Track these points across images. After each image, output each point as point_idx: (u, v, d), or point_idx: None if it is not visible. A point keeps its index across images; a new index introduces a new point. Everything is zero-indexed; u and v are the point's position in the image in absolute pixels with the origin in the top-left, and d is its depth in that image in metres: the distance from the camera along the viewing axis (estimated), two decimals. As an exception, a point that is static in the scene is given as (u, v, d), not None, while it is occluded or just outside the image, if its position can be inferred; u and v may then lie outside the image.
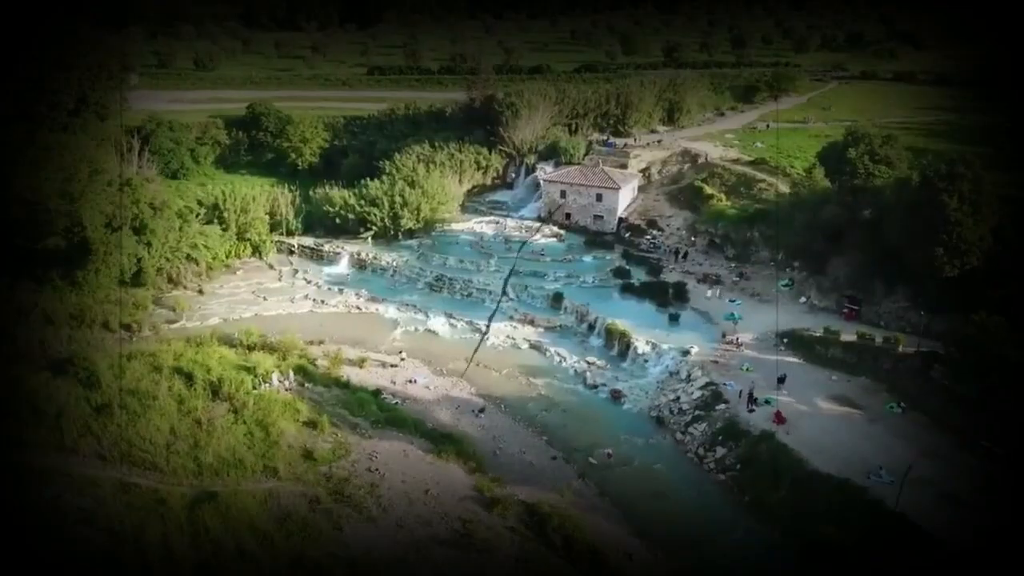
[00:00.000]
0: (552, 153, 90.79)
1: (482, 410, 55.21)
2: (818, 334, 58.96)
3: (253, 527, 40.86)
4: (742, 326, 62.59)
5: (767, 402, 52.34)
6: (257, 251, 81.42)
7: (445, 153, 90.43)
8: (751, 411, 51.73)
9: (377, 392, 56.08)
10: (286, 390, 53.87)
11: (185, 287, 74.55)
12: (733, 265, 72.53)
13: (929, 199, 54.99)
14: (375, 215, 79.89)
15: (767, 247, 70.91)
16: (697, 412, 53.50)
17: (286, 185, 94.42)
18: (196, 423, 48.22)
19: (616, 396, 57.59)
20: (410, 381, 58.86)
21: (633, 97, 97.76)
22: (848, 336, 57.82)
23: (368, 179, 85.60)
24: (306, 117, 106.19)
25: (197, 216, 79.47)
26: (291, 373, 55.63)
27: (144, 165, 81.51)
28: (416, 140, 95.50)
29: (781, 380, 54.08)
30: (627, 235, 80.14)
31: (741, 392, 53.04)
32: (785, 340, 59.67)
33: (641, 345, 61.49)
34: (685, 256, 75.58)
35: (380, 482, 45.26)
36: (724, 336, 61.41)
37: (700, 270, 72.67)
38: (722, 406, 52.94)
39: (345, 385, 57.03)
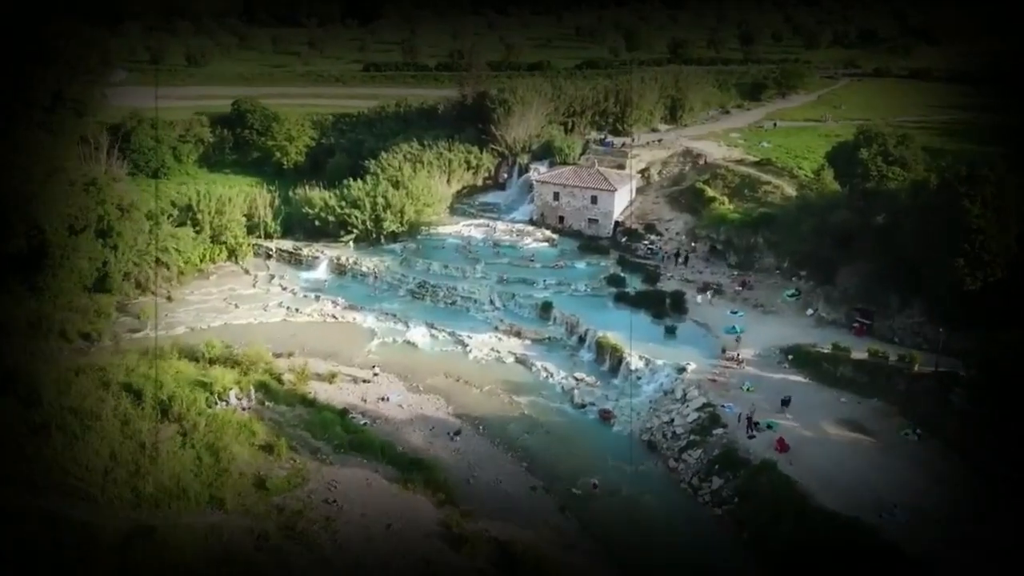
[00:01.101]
0: (546, 153, 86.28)
1: (458, 432, 50.74)
2: (826, 350, 54.22)
3: (191, 570, 36.59)
4: (744, 340, 57.95)
5: (769, 427, 47.66)
6: (233, 255, 77.24)
7: (433, 152, 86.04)
8: (751, 437, 47.04)
9: (344, 412, 51.69)
10: (243, 409, 49.58)
11: (154, 293, 70.35)
12: (735, 273, 67.79)
13: (948, 204, 50.24)
14: (356, 217, 75.57)
15: (772, 254, 66.16)
16: (692, 437, 48.84)
17: (270, 185, 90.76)
18: (140, 447, 43.93)
19: (605, 417, 53.06)
20: (382, 399, 54.49)
21: (633, 94, 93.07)
22: (859, 353, 53.03)
23: (352, 179, 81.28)
24: (292, 114, 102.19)
25: (169, 218, 75.48)
26: (251, 390, 51.32)
27: (113, 164, 77.19)
28: (405, 139, 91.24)
29: (785, 402, 49.41)
30: (623, 240, 75.53)
31: (740, 416, 48.34)
32: (790, 357, 54.98)
33: (634, 361, 56.88)
34: (686, 260, 70.95)
35: (337, 516, 40.87)
36: (724, 351, 56.73)
37: (700, 278, 67.94)
38: (720, 431, 48.25)
39: (311, 403, 52.78)
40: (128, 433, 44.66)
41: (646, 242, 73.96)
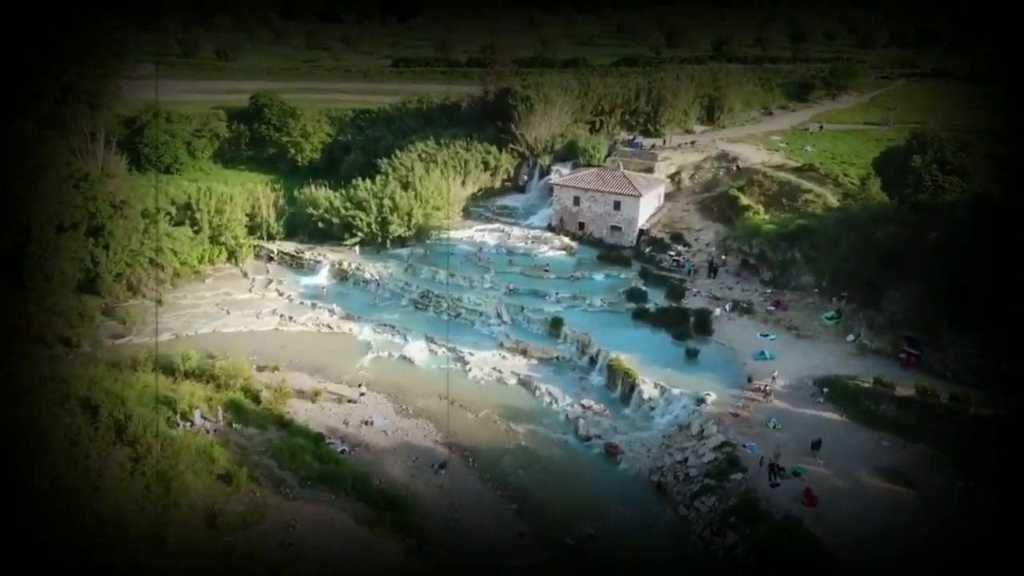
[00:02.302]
0: (570, 153, 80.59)
1: (443, 465, 45.40)
2: (867, 384, 47.59)
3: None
4: (774, 366, 51.66)
5: (795, 474, 41.41)
6: (233, 257, 73.17)
7: (450, 151, 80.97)
8: (774, 485, 40.84)
9: (320, 437, 46.75)
10: (207, 432, 45.02)
11: (145, 296, 66.59)
12: (768, 291, 61.27)
13: (1016, 220, 43.23)
14: (361, 220, 70.84)
15: (810, 271, 59.45)
16: (707, 481, 42.70)
17: (284, 183, 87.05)
18: (85, 473, 39.63)
19: (612, 452, 47.22)
20: (365, 422, 49.47)
21: (667, 92, 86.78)
22: (905, 389, 46.28)
23: (363, 179, 76.70)
24: (310, 110, 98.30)
25: (168, 216, 71.80)
26: (219, 410, 46.76)
27: (111, 159, 73.74)
28: (423, 137, 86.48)
29: (816, 445, 43.01)
30: (647, 250, 69.46)
31: (763, 459, 42.12)
32: (825, 389, 48.47)
33: (648, 388, 50.92)
34: (715, 273, 64.64)
35: (290, 562, 35.94)
36: (750, 380, 50.45)
37: (729, 295, 61.62)
38: (738, 475, 42.03)
39: (286, 425, 48.03)
40: (74, 457, 40.34)
41: (672, 253, 67.81)
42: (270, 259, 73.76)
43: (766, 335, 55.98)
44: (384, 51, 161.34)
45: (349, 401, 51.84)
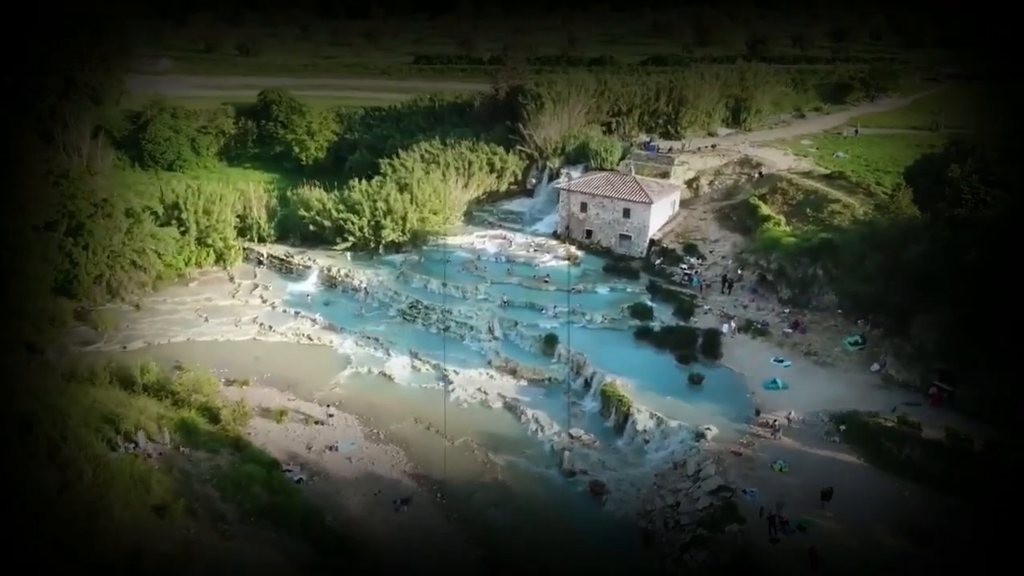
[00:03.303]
0: (581, 156, 75.55)
1: (407, 500, 40.96)
2: (890, 423, 41.92)
3: None
4: (786, 398, 46.36)
5: (800, 527, 36.07)
6: (221, 260, 69.70)
7: (454, 152, 76.55)
8: (774, 540, 35.56)
9: (274, 464, 42.57)
10: (149, 456, 41.11)
11: (124, 299, 63.37)
12: (786, 311, 55.63)
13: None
14: (353, 223, 66.75)
15: (833, 290, 53.67)
16: (700, 531, 37.49)
17: (287, 182, 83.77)
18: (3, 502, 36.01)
19: (597, 491, 42.25)
20: (329, 448, 45.27)
21: (688, 92, 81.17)
22: (934, 431, 40.53)
23: (365, 179, 72.69)
24: (317, 107, 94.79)
25: (155, 216, 68.66)
26: (165, 431, 42.85)
27: (97, 155, 70.68)
28: (429, 136, 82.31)
29: (826, 494, 37.56)
30: (658, 262, 64.18)
31: (762, 509, 36.83)
32: (842, 427, 42.86)
33: (642, 418, 45.80)
34: (730, 288, 59.20)
35: (213, 617, 31.85)
36: (758, 413, 45.02)
37: (743, 314, 56.13)
38: (735, 527, 36.74)
39: (242, 449, 44.02)
40: (-4, 481, 36.84)
41: (684, 266, 62.44)
42: (260, 263, 70.19)
43: (780, 361, 50.48)
44: (408, 48, 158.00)
45: (316, 422, 47.72)
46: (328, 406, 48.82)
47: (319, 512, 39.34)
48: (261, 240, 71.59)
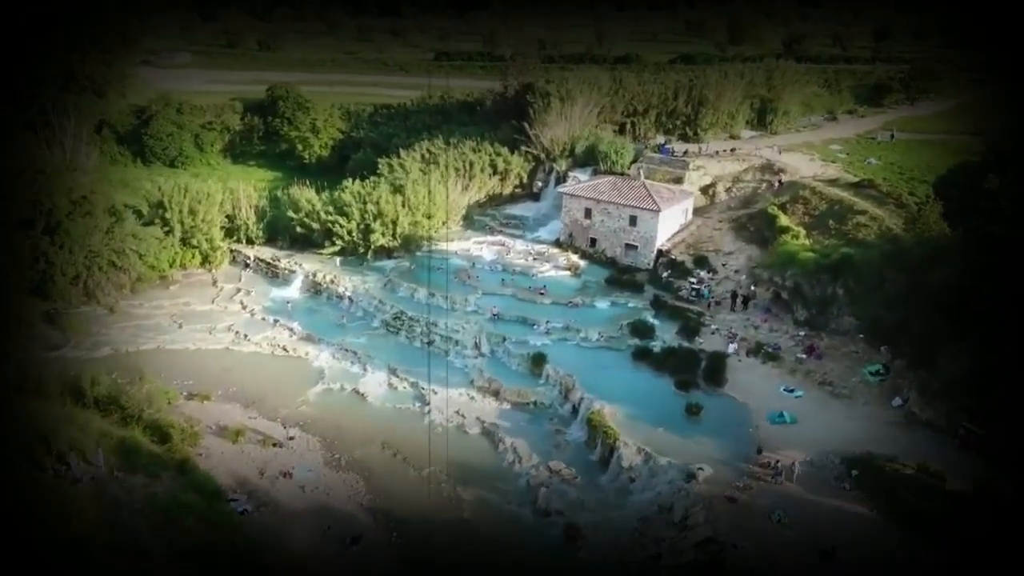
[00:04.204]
0: (591, 158, 70.82)
1: (357, 539, 36.85)
2: (909, 470, 36.75)
3: None
4: (794, 434, 41.34)
5: (796, 595, 31.18)
6: (207, 261, 66.49)
7: (456, 152, 72.40)
8: (765, 609, 30.73)
9: (218, 493, 38.77)
10: (77, 480, 37.54)
11: (100, 302, 60.42)
12: (801, 334, 50.38)
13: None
14: (341, 226, 62.97)
15: (854, 313, 48.26)
16: (681, 590, 32.84)
17: (290, 181, 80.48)
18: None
19: (572, 536, 37.65)
20: (283, 474, 41.39)
21: (709, 91, 75.83)
22: (961, 482, 35.27)
23: (363, 179, 69.10)
24: (323, 103, 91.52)
25: (140, 215, 65.82)
26: (100, 452, 39.27)
27: (81, 150, 67.90)
28: (433, 135, 78.24)
29: (827, 555, 32.56)
30: (665, 274, 59.24)
31: (753, 574, 31.94)
32: (854, 472, 37.68)
33: (629, 453, 41.05)
34: (746, 303, 54.12)
35: None
36: (760, 452, 40.00)
37: (753, 336, 51.01)
38: (721, 589, 32.02)
39: (187, 472, 40.28)
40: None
41: (692, 280, 57.40)
42: (246, 266, 66.83)
43: (791, 390, 45.36)
44: (433, 45, 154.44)
45: (274, 444, 43.94)
46: (287, 428, 44.93)
47: (259, 550, 35.44)
48: (250, 242, 68.26)
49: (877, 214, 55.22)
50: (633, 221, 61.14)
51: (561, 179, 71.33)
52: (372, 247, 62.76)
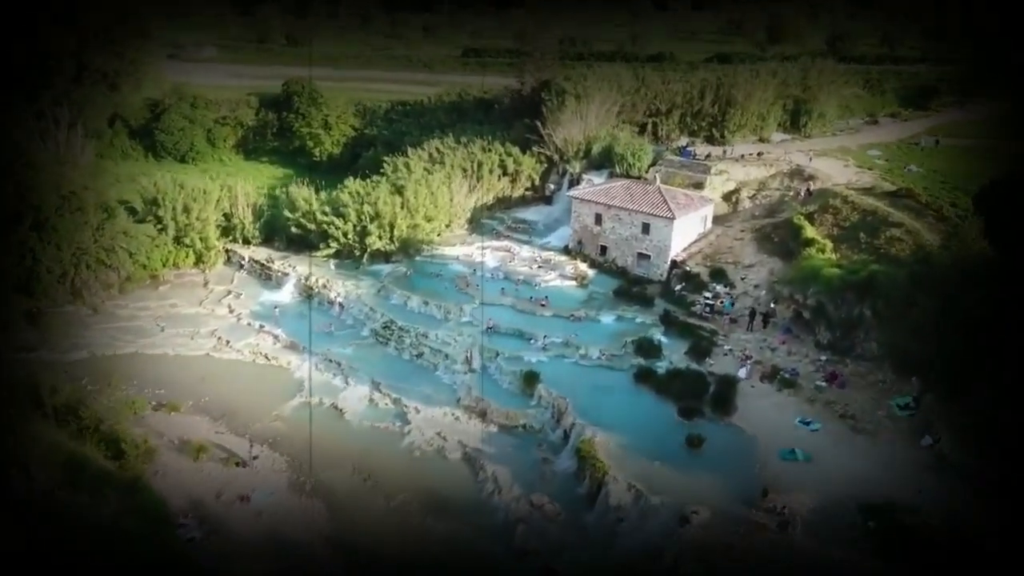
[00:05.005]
0: (607, 160, 66.59)
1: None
2: (936, 521, 31.97)
3: None
4: (806, 474, 36.78)
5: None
6: (201, 261, 63.93)
7: (466, 151, 68.77)
8: None
9: (164, 519, 35.61)
10: (16, 496, 34.69)
11: (85, 302, 58.14)
12: (823, 358, 45.59)
13: None
14: (337, 228, 59.78)
15: (881, 337, 43.28)
16: (661, 657, 28.66)
17: (302, 179, 77.88)
18: None
19: (547, 581, 33.78)
20: (241, 498, 38.16)
21: (738, 91, 70.94)
22: (997, 540, 30.41)
23: (354, 179, 65.96)
24: (339, 98, 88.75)
25: (134, 212, 63.55)
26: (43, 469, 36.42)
27: (77, 144, 65.75)
28: (448, 133, 74.86)
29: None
30: (678, 287, 54.79)
31: (742, 644, 27.64)
32: (871, 523, 32.99)
33: (618, 490, 36.83)
34: (765, 322, 49.45)
35: None
36: (766, 495, 35.50)
37: (769, 359, 46.40)
38: (706, 659, 27.76)
39: (137, 492, 37.23)
40: None
41: (707, 294, 52.87)
42: (241, 267, 64.07)
43: (807, 422, 40.72)
44: (465, 42, 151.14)
45: (237, 464, 40.73)
46: (254, 445, 41.63)
47: (198, 585, 32.26)
48: (246, 242, 65.51)
49: (913, 227, 50.05)
50: (646, 229, 56.81)
51: (575, 182, 67.23)
52: (368, 250, 59.36)
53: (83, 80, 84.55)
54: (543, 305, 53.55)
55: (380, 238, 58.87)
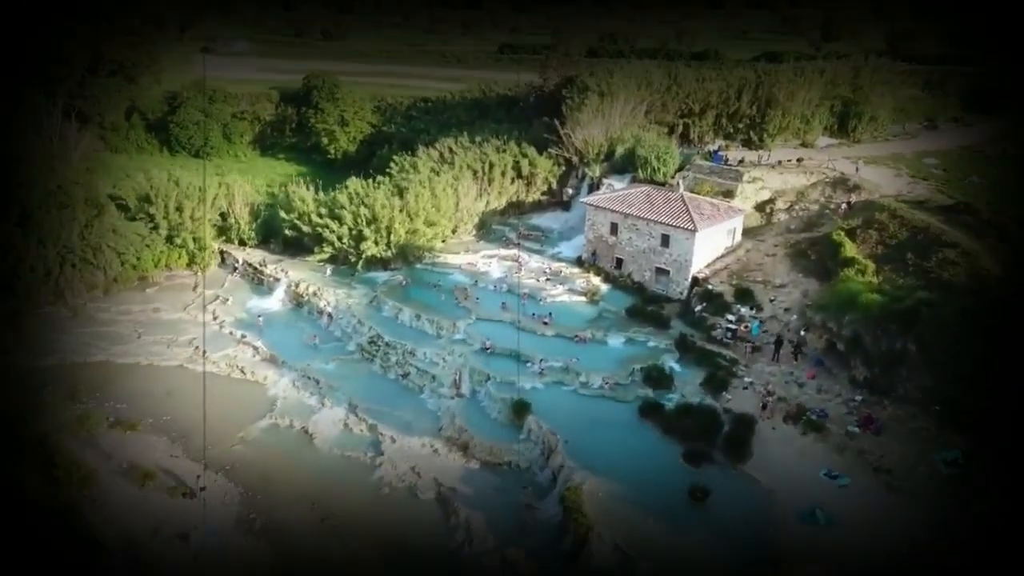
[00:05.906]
0: (631, 164, 61.08)
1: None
2: (984, 619, 26.06)
3: None
4: (827, 540, 31.08)
5: None
6: (193, 262, 60.51)
7: (479, 151, 63.99)
8: None
9: (95, 556, 31.70)
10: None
11: (67, 303, 55.11)
12: (858, 398, 39.48)
13: None
14: (332, 232, 55.61)
15: (928, 377, 37.07)
16: None
17: (317, 176, 74.39)
18: None
19: (508, 659, 28.75)
20: (180, 537, 34.02)
21: (779, 90, 64.64)
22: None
23: (363, 177, 61.84)
24: (357, 94, 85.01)
25: (127, 210, 60.49)
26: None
27: (71, 137, 62.83)
28: (465, 131, 70.34)
29: None
30: (699, 308, 49.04)
31: None
32: (901, 612, 27.22)
33: (602, 551, 31.51)
34: (796, 352, 43.44)
35: None
36: (777, 567, 29.86)
37: (796, 395, 40.50)
38: None
39: (67, 528, 33.45)
40: None
41: (730, 317, 47.04)
42: (235, 269, 60.48)
43: (835, 476, 34.89)
44: (504, 38, 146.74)
45: (184, 494, 36.66)
46: (206, 472, 37.41)
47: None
48: (242, 243, 61.91)
49: (971, 248, 43.44)
50: (665, 241, 51.24)
51: (595, 187, 61.92)
52: (363, 256, 55.06)
53: (99, 70, 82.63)
54: (545, 323, 48.44)
55: (376, 243, 54.50)
